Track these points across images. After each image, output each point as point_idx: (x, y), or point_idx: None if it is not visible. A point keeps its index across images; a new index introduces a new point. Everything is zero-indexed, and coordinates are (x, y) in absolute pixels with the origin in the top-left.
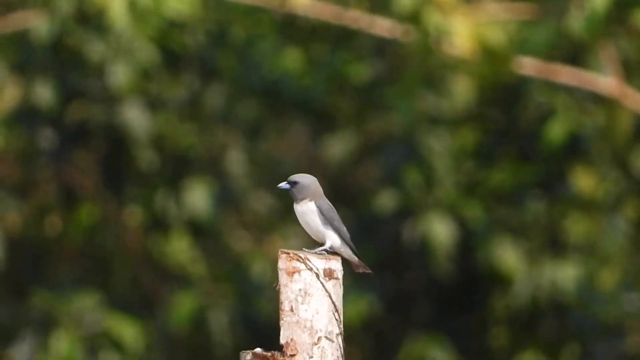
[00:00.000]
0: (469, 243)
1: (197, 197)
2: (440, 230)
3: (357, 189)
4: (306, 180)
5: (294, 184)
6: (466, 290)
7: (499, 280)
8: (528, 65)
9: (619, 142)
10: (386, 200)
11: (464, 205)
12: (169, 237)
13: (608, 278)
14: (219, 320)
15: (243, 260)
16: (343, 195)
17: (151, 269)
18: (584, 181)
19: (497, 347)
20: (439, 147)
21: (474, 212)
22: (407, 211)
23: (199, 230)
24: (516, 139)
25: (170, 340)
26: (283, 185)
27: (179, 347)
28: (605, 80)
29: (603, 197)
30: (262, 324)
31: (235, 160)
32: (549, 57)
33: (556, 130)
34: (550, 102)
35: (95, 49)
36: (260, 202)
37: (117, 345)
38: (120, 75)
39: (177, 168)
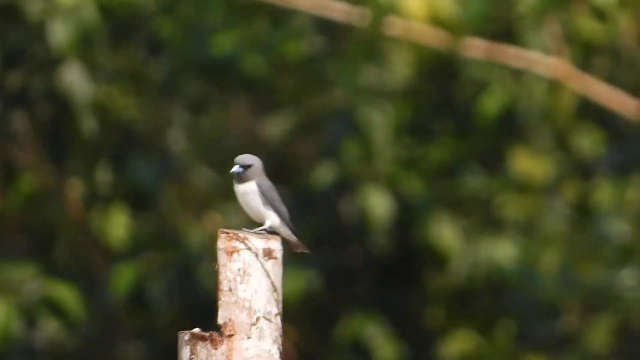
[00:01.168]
0: (407, 219)
1: (139, 170)
2: (378, 204)
3: (297, 165)
4: (251, 160)
5: (247, 167)
6: (405, 266)
7: (436, 256)
8: (470, 44)
9: (561, 123)
10: (324, 174)
11: (402, 179)
12: (110, 208)
13: (547, 259)
14: (158, 292)
15: (182, 235)
16: (283, 172)
17: (92, 240)
18: (522, 161)
19: (433, 324)
20: (379, 120)
21: (413, 186)
22: (346, 185)
23: (139, 203)
24: (454, 113)
25: (110, 312)
26: (236, 169)
27: (119, 320)
28: (548, 60)
29: (542, 178)
30: (201, 298)
31: (178, 135)
32: (488, 33)
33: (490, 103)
34: (485, 76)
35: (34, 8)
36: (202, 178)
37: (57, 312)
38: (60, 35)
39: (119, 140)
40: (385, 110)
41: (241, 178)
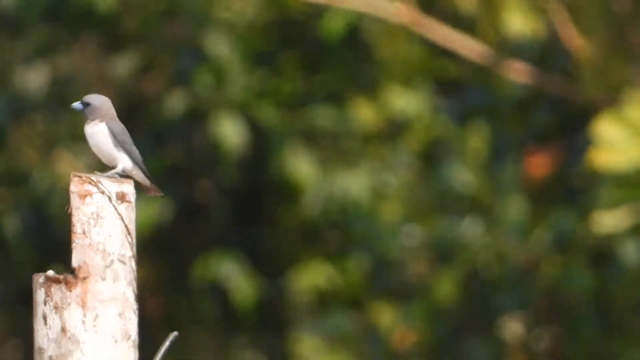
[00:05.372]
0: (262, 150)
1: None
2: (231, 132)
3: (148, 100)
4: (98, 100)
5: (86, 104)
6: (258, 199)
7: (291, 189)
8: None
9: (405, 69)
10: (176, 103)
11: (255, 106)
12: None
13: (391, 211)
14: (13, 229)
15: (32, 173)
16: (133, 109)
17: None
18: (363, 112)
19: (286, 257)
20: (228, 50)
21: (266, 114)
22: (198, 116)
23: None
24: (302, 46)
25: None
26: (76, 105)
27: None
28: (395, 6)
29: (386, 128)
30: (55, 235)
31: (27, 74)
32: None
33: (335, 22)
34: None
35: None
36: (52, 117)
37: None
38: None
39: None
40: (234, 41)
41: (88, 118)
